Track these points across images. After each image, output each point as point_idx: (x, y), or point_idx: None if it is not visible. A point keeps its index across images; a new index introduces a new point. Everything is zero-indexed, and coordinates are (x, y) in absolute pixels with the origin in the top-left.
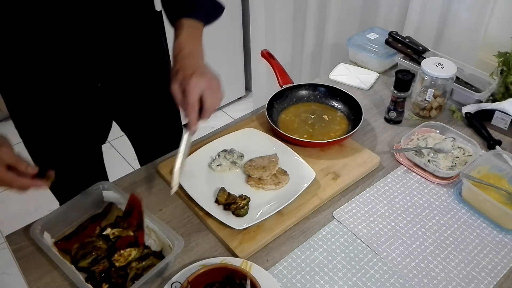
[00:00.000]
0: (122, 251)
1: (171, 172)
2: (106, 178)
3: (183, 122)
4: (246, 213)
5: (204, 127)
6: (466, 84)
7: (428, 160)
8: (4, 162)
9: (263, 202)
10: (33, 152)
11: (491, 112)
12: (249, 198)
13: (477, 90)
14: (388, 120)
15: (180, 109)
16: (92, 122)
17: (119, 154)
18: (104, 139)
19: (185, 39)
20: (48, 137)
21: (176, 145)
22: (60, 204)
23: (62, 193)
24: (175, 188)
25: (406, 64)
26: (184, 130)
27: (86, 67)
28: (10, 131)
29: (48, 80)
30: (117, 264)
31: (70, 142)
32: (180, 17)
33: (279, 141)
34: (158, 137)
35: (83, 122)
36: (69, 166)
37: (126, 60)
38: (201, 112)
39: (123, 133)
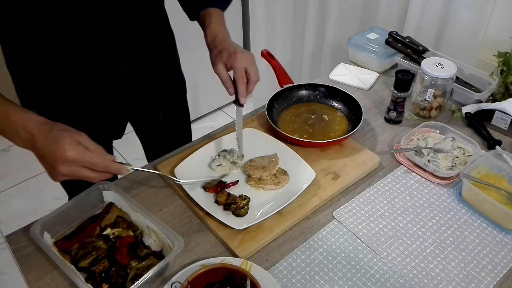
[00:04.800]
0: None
1: (171, 172)
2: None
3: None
4: (246, 213)
5: (204, 127)
6: (466, 84)
7: (428, 160)
8: (84, 146)
9: (263, 202)
10: None
11: (491, 112)
12: (249, 198)
13: (477, 90)
14: (388, 120)
15: (225, 87)
16: (111, 115)
17: (119, 155)
18: (120, 134)
19: (217, 25)
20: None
21: (183, 144)
22: (69, 198)
23: (72, 187)
24: (241, 152)
25: (406, 64)
26: (235, 105)
27: (114, 51)
28: None
29: (76, 66)
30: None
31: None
32: (204, 7)
33: (279, 141)
34: (167, 134)
35: (102, 115)
36: None
37: (151, 44)
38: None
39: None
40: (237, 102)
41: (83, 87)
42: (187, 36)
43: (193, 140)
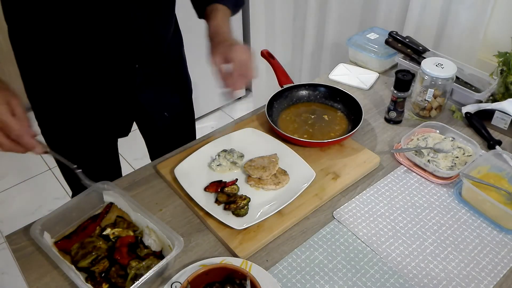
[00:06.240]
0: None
1: (171, 172)
2: (120, 172)
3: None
4: (246, 213)
5: (204, 127)
6: (466, 84)
7: (428, 160)
8: (11, 109)
9: (263, 202)
10: (51, 143)
11: (491, 112)
12: (249, 198)
13: (477, 90)
14: (388, 120)
15: (219, 77)
16: (118, 113)
17: (120, 154)
18: (126, 131)
19: (221, 21)
20: (68, 129)
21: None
22: (73, 196)
23: (77, 184)
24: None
25: (406, 64)
26: (225, 96)
27: (124, 47)
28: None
29: (85, 63)
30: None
31: (89, 134)
32: (212, 2)
33: (279, 141)
34: (172, 134)
35: (109, 112)
36: (87, 157)
37: (160, 45)
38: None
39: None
40: (228, 94)
41: (93, 83)
42: (188, 36)
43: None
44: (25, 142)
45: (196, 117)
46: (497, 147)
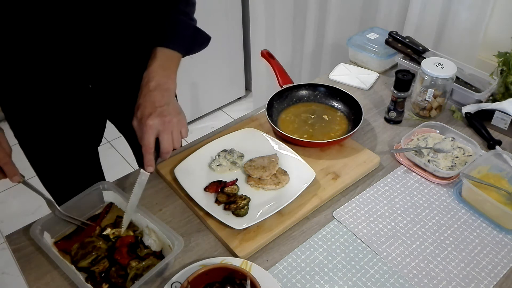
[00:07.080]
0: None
1: (171, 172)
2: (103, 180)
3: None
4: (246, 213)
5: (204, 127)
6: (466, 84)
7: (428, 160)
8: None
9: (263, 202)
10: (29, 153)
11: (491, 112)
12: (249, 198)
13: (477, 90)
14: (388, 120)
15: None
16: (85, 124)
17: (119, 154)
18: (98, 141)
19: (156, 69)
20: (42, 138)
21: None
22: (58, 205)
23: (59, 194)
24: (124, 229)
25: (406, 64)
26: (141, 170)
27: (77, 68)
28: (6, 133)
29: (40, 81)
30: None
31: (64, 144)
32: (155, 45)
33: (279, 141)
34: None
35: (77, 123)
36: (65, 167)
37: (116, 61)
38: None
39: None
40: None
41: (54, 98)
42: None
43: (192, 140)
44: (8, 170)
45: (196, 117)
46: (497, 147)
